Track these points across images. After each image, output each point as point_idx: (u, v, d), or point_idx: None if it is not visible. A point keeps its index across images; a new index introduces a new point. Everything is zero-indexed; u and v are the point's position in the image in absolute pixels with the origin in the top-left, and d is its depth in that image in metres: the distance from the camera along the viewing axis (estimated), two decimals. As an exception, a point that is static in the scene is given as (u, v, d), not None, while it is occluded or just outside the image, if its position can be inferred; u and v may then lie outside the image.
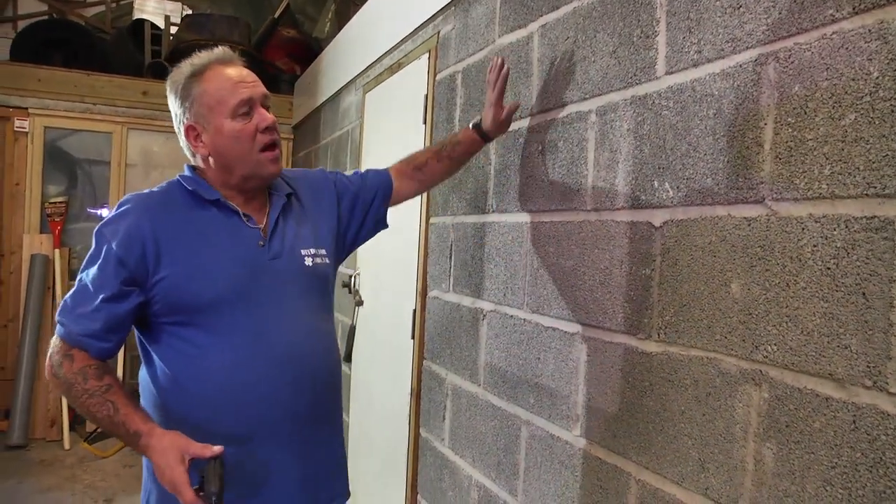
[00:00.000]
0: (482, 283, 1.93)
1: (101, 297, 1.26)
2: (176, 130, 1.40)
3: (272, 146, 1.37)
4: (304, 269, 1.43)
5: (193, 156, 1.40)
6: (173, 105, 1.38)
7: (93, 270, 1.28)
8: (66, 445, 4.24)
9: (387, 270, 2.77)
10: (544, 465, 1.58)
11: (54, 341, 1.29)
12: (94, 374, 1.25)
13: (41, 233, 4.61)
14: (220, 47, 1.39)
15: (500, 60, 1.62)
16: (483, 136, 1.69)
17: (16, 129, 4.61)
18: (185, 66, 1.36)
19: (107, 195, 4.85)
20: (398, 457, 2.49)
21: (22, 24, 5.79)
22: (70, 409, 4.36)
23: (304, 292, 1.43)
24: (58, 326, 1.29)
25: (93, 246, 1.30)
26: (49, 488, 3.62)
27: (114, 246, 1.27)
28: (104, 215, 4.81)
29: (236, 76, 1.35)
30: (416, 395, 2.36)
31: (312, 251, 1.45)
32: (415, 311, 2.41)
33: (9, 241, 4.61)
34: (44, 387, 4.40)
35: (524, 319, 1.70)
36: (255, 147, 1.35)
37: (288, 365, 1.37)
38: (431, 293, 2.30)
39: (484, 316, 1.91)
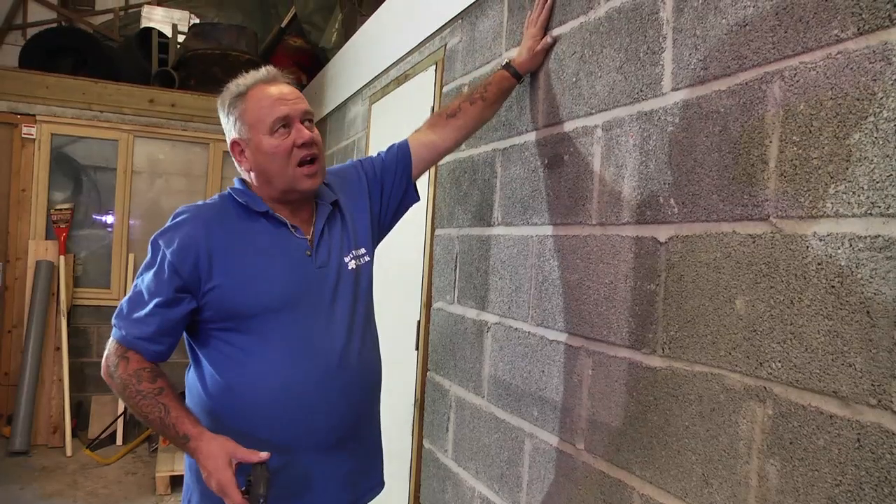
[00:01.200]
0: (487, 295, 1.93)
1: (154, 302, 1.31)
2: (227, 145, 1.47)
3: (310, 161, 1.40)
4: (349, 273, 1.47)
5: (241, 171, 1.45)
6: (222, 121, 1.45)
7: (148, 277, 1.33)
8: (69, 452, 4.25)
9: (391, 281, 2.77)
10: (547, 479, 1.58)
11: (110, 344, 1.34)
12: (148, 376, 1.30)
13: (46, 239, 4.63)
14: (266, 67, 1.44)
15: None
16: (514, 73, 1.71)
17: (23, 135, 4.64)
18: (233, 86, 1.42)
19: (112, 202, 4.87)
20: (401, 468, 2.48)
21: (31, 32, 5.85)
22: (72, 416, 4.37)
23: (349, 298, 1.46)
24: (114, 329, 1.34)
25: (149, 254, 1.35)
26: (51, 495, 3.63)
27: (168, 254, 1.31)
28: (109, 222, 4.88)
29: (276, 94, 1.39)
30: (420, 406, 2.37)
31: (353, 253, 1.50)
32: (419, 322, 2.41)
33: (14, 247, 4.63)
34: (46, 393, 4.42)
35: (529, 332, 1.70)
36: (291, 163, 1.38)
37: (336, 372, 1.40)
38: (436, 305, 2.30)
39: (488, 328, 1.92)
